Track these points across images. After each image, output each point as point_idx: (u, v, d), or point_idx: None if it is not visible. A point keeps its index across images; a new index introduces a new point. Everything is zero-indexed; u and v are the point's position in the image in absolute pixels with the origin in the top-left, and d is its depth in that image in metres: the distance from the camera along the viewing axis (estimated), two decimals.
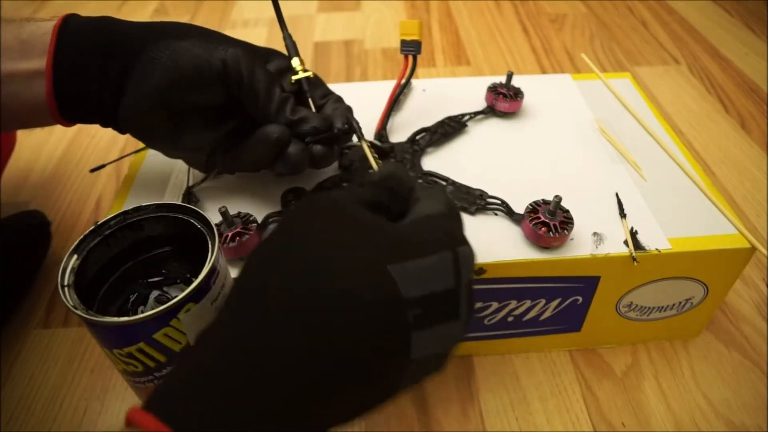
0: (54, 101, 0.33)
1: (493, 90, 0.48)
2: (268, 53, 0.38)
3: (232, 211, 0.37)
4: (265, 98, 0.34)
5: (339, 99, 0.39)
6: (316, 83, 0.39)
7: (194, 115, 0.36)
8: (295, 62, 0.39)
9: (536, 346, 0.44)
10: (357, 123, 0.38)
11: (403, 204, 0.26)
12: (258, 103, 0.35)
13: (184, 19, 0.91)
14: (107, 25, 0.34)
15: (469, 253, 0.23)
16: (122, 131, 0.36)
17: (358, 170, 0.43)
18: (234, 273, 0.36)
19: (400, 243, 0.22)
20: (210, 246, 0.29)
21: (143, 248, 0.32)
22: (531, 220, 0.37)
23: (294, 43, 0.39)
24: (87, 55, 0.32)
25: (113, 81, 0.33)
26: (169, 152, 0.39)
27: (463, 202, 0.40)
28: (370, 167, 0.36)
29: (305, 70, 0.39)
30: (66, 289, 0.27)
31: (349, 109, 0.39)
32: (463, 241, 0.23)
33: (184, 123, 0.36)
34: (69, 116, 0.35)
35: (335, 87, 0.54)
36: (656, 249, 0.37)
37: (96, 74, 0.33)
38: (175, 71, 0.33)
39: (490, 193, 0.41)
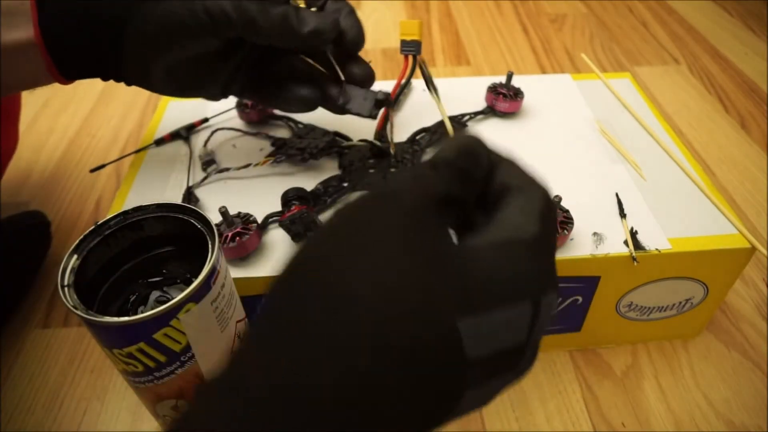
0: (50, 59, 0.33)
1: (493, 90, 0.48)
2: None
3: (232, 211, 0.37)
4: (263, 24, 0.33)
5: (352, 11, 0.38)
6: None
7: (200, 62, 0.36)
8: None
9: None
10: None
11: (478, 188, 0.21)
12: (260, 32, 0.33)
13: None
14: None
15: (553, 302, 0.19)
16: (128, 83, 0.37)
17: (358, 170, 0.43)
18: (234, 273, 0.36)
19: (476, 286, 0.17)
20: (210, 246, 0.29)
21: (143, 248, 0.32)
22: None
23: None
24: (74, 5, 0.33)
25: (108, 31, 0.33)
26: (182, 95, 0.39)
27: None
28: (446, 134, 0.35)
29: None
30: (66, 289, 0.27)
31: (352, 12, 0.37)
32: (550, 286, 0.19)
33: (191, 69, 0.36)
34: (68, 73, 0.35)
35: None
36: (656, 249, 0.37)
37: (94, 30, 0.33)
38: (164, 36, 0.33)
39: None
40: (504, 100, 0.48)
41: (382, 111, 0.47)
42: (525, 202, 0.20)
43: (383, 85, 0.52)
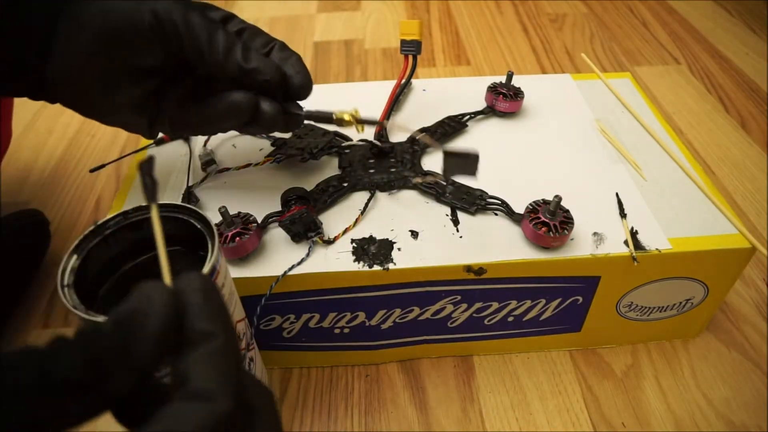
0: None
1: (493, 90, 0.48)
2: (204, 5, 0.34)
3: (232, 211, 0.37)
4: (208, 45, 0.31)
5: (284, 46, 0.35)
6: (255, 32, 0.35)
7: (133, 75, 0.32)
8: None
9: (536, 346, 0.44)
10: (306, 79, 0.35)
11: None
12: (202, 51, 0.31)
13: None
14: None
15: None
16: (52, 99, 0.33)
17: (357, 170, 0.43)
18: (234, 273, 0.36)
19: None
20: (210, 246, 0.29)
21: (143, 248, 0.32)
22: (531, 220, 0.37)
23: None
24: (4, 13, 0.29)
25: (38, 40, 0.30)
26: (106, 119, 0.35)
27: (463, 202, 0.40)
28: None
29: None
30: (66, 289, 0.27)
31: (298, 62, 0.35)
32: None
33: (122, 84, 0.32)
34: None
35: (335, 87, 0.54)
36: (656, 249, 0.37)
37: (17, 34, 0.30)
38: (103, 27, 0.30)
39: (490, 193, 0.41)
40: (504, 100, 0.48)
41: (382, 111, 0.47)
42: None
43: (383, 85, 0.52)
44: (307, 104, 0.35)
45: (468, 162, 0.33)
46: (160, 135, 0.47)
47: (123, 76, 0.32)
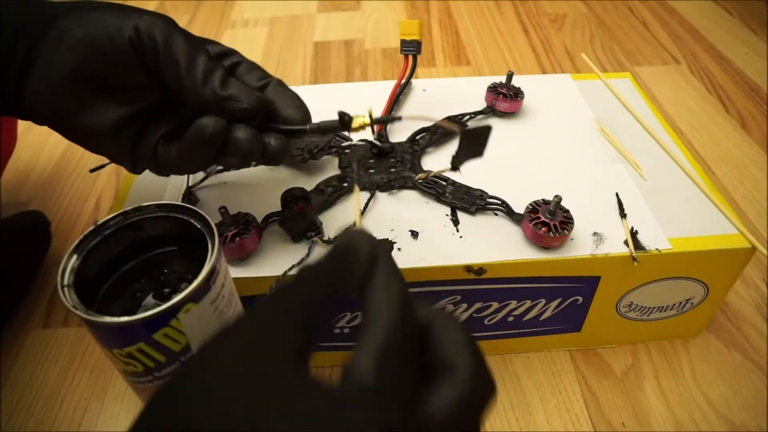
0: None
1: (493, 90, 0.48)
2: (207, 40, 0.33)
3: (232, 211, 0.37)
4: (186, 66, 0.30)
5: (281, 83, 0.34)
6: (252, 67, 0.34)
7: (111, 95, 0.32)
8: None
9: (536, 346, 0.44)
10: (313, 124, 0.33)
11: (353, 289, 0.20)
12: (178, 72, 0.30)
13: (184, 18, 0.91)
14: (13, 2, 0.31)
15: None
16: (29, 118, 0.32)
17: (356, 171, 0.43)
18: (234, 273, 0.36)
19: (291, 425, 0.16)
20: (210, 246, 0.29)
21: (143, 248, 0.32)
22: (531, 220, 0.37)
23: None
24: None
25: (19, 61, 0.30)
26: (87, 144, 0.34)
27: (463, 202, 0.40)
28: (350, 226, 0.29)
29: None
30: (66, 289, 0.27)
31: (296, 97, 0.33)
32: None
33: (99, 105, 0.31)
34: None
35: (335, 87, 0.54)
36: (656, 249, 0.37)
37: (2, 55, 0.30)
38: (85, 42, 0.29)
39: (490, 193, 0.41)
40: (504, 100, 0.48)
41: (382, 111, 0.47)
42: (362, 354, 0.18)
43: (383, 85, 0.52)
44: (308, 105, 0.35)
45: (479, 140, 0.32)
46: None
47: (100, 95, 0.31)
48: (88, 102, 0.31)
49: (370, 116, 0.31)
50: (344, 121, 0.31)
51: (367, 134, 0.46)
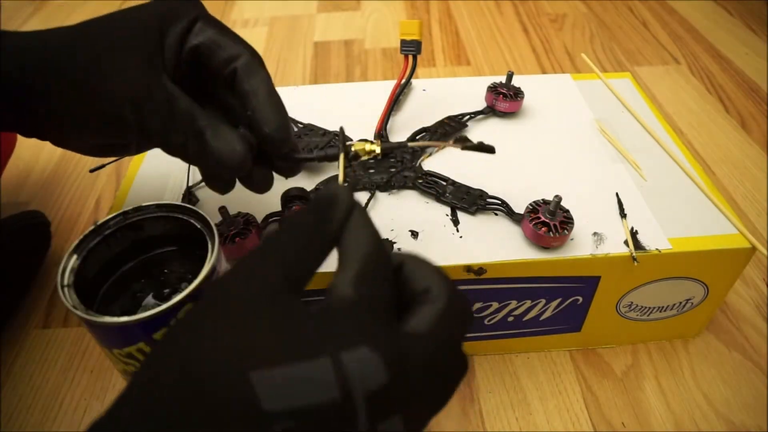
0: None
1: (493, 90, 0.48)
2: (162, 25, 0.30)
3: (232, 211, 0.37)
4: (165, 144, 0.30)
5: (249, 66, 0.31)
6: (217, 43, 0.31)
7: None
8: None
9: (536, 346, 0.44)
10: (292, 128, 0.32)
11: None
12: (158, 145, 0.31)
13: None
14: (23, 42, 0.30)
15: (363, 358, 0.18)
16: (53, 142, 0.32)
17: (357, 171, 0.43)
18: None
19: (277, 344, 0.18)
20: (210, 246, 0.29)
21: (143, 248, 0.32)
22: (531, 220, 0.37)
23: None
24: None
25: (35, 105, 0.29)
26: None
27: (463, 202, 0.40)
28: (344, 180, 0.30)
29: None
30: (65, 289, 0.27)
31: (269, 94, 0.31)
32: (355, 342, 0.18)
33: (110, 143, 0.32)
34: None
35: (335, 87, 0.54)
36: (656, 249, 0.37)
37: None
38: (67, 120, 0.30)
39: (490, 193, 0.41)
40: (504, 100, 0.48)
41: (382, 111, 0.47)
42: (350, 266, 0.21)
43: (383, 85, 0.52)
44: (308, 105, 0.35)
45: (487, 148, 0.32)
46: None
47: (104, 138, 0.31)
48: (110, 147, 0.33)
49: (378, 146, 0.31)
50: (348, 154, 0.31)
51: (367, 134, 0.46)
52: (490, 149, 0.32)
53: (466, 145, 0.32)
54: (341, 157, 0.30)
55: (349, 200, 0.22)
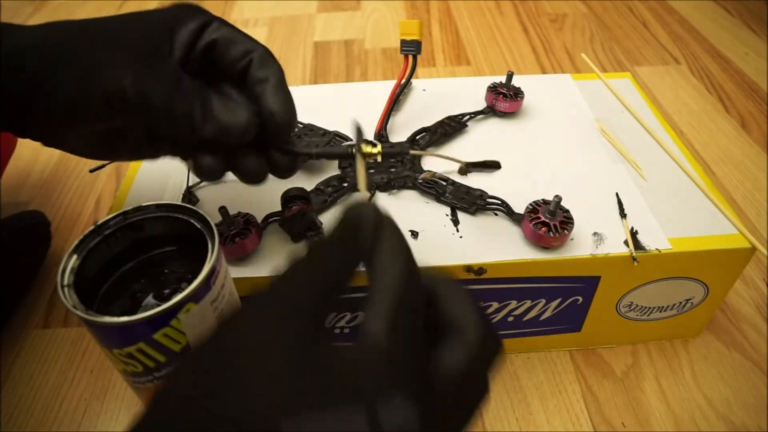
0: None
1: (493, 90, 0.48)
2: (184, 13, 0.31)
3: (232, 211, 0.37)
4: (163, 120, 0.29)
5: (265, 58, 0.31)
6: (231, 39, 0.31)
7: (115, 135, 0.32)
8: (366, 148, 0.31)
9: (536, 346, 0.44)
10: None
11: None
12: (159, 127, 0.30)
13: None
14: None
15: (397, 407, 0.18)
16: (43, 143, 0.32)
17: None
18: (234, 273, 0.36)
19: (308, 390, 0.18)
20: (210, 246, 0.29)
21: (143, 248, 0.32)
22: (531, 220, 0.37)
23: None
24: None
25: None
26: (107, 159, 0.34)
27: (463, 202, 0.40)
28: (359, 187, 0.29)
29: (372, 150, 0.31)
30: (65, 289, 0.27)
31: (279, 84, 0.31)
32: (390, 391, 0.18)
33: (105, 140, 0.32)
34: None
35: (335, 87, 0.54)
36: (656, 249, 0.37)
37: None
38: (63, 110, 0.29)
39: (490, 193, 0.41)
40: (504, 100, 0.48)
41: (382, 111, 0.47)
42: (373, 313, 0.20)
43: (383, 85, 0.52)
44: (308, 105, 0.35)
45: (493, 164, 0.32)
46: None
47: (99, 133, 0.32)
48: (108, 149, 0.33)
49: (380, 149, 0.31)
50: (351, 153, 0.31)
51: (367, 134, 0.46)
52: (495, 165, 0.32)
53: (471, 162, 0.32)
54: (359, 164, 0.29)
55: (376, 217, 0.21)
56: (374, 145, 0.31)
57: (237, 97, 0.32)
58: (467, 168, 0.32)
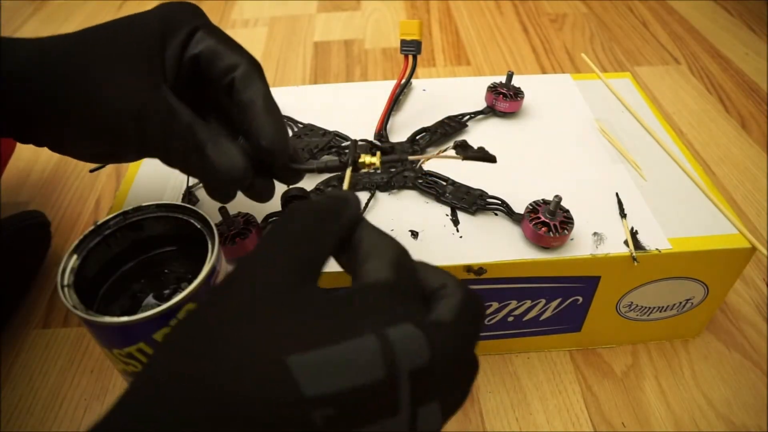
0: None
1: (493, 90, 0.48)
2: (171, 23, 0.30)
3: (232, 211, 0.37)
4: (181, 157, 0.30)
5: (248, 74, 0.30)
6: (215, 51, 0.31)
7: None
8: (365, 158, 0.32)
9: (536, 346, 0.44)
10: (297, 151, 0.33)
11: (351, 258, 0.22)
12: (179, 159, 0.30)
13: None
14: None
15: (409, 334, 0.18)
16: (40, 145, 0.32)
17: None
18: None
19: (312, 327, 0.18)
20: (210, 246, 0.29)
21: (143, 248, 0.32)
22: (531, 220, 0.37)
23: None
24: None
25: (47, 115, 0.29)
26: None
27: (463, 202, 0.40)
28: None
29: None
30: (66, 289, 0.27)
31: (266, 103, 0.30)
32: (400, 319, 0.18)
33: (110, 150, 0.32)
34: None
35: (335, 87, 0.54)
36: (656, 249, 0.37)
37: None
38: (85, 124, 0.29)
39: (490, 193, 0.41)
40: (504, 100, 0.48)
41: (382, 111, 0.47)
42: (378, 256, 0.21)
43: (383, 85, 0.52)
44: (308, 105, 0.35)
45: (487, 156, 0.33)
46: None
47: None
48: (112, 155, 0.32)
49: (379, 159, 0.32)
50: (352, 163, 0.31)
51: (368, 134, 0.46)
52: (491, 158, 0.32)
53: (468, 155, 0.32)
54: (348, 171, 0.31)
55: (357, 203, 0.22)
56: (373, 155, 0.31)
57: (227, 134, 0.31)
58: (465, 153, 0.32)
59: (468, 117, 0.48)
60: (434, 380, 0.18)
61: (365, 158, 0.31)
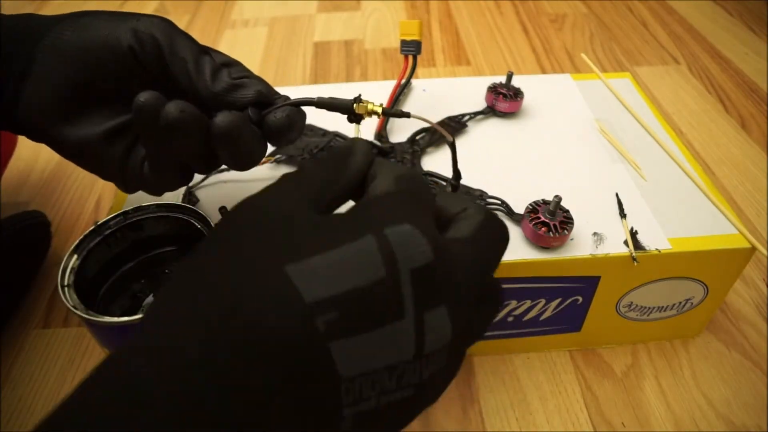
0: None
1: (493, 90, 0.48)
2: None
3: None
4: (194, 61, 0.29)
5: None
6: (235, 66, 0.31)
7: (105, 109, 0.30)
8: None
9: (536, 346, 0.44)
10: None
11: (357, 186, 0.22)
12: (186, 68, 0.29)
13: (184, 19, 0.91)
14: (12, 19, 0.30)
15: (408, 232, 0.17)
16: (23, 132, 0.31)
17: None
18: None
19: (312, 239, 0.17)
20: None
21: (143, 248, 0.32)
22: (531, 220, 0.37)
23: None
24: None
25: (15, 76, 0.29)
26: (77, 158, 0.31)
27: None
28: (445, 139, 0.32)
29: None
30: (66, 289, 0.27)
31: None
32: (398, 220, 0.18)
33: (91, 116, 0.30)
34: None
35: (335, 87, 0.54)
36: (656, 249, 0.37)
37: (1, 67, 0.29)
38: (79, 50, 0.28)
39: (490, 193, 0.41)
40: (504, 100, 0.48)
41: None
42: (384, 175, 0.21)
43: (383, 84, 0.52)
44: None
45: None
46: None
47: (92, 105, 0.30)
48: (79, 113, 0.30)
49: (382, 108, 0.32)
50: (353, 104, 0.32)
51: (368, 134, 0.46)
52: (405, 114, 0.32)
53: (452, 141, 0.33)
54: (356, 129, 0.32)
55: (369, 151, 0.22)
56: (374, 105, 0.32)
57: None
58: (452, 134, 0.33)
59: (468, 117, 0.48)
60: (441, 283, 0.18)
61: (368, 105, 0.32)
